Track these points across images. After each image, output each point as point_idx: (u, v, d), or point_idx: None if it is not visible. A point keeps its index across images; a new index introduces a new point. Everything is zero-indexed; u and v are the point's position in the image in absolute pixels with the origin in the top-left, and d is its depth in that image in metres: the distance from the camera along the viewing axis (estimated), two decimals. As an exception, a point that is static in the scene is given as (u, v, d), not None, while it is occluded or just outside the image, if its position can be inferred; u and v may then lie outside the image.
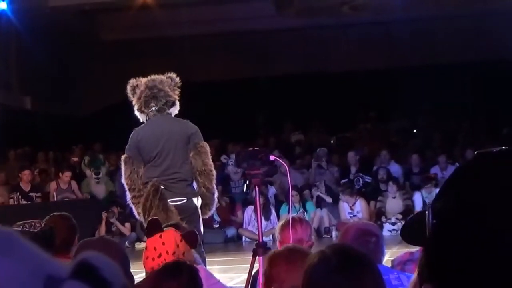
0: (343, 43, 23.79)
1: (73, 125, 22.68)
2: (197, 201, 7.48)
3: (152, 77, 7.62)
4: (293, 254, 3.41)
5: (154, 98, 7.47)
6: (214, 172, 7.53)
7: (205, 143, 7.47)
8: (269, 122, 23.47)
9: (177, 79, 7.71)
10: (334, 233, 16.70)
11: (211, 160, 7.50)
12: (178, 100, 7.69)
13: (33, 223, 4.95)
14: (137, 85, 7.59)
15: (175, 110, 7.63)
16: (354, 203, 17.07)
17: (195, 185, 7.48)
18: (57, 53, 22.27)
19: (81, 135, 21.66)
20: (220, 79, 23.65)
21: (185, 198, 7.38)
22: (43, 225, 4.95)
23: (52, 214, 5.57)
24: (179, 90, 7.70)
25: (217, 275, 5.28)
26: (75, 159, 20.52)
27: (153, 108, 7.46)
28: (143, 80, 7.61)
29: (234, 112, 22.93)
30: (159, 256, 4.57)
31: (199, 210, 7.46)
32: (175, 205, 7.29)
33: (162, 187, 7.34)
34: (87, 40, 22.68)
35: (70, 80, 23.00)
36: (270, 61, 23.97)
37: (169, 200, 7.32)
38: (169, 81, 7.64)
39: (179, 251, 4.60)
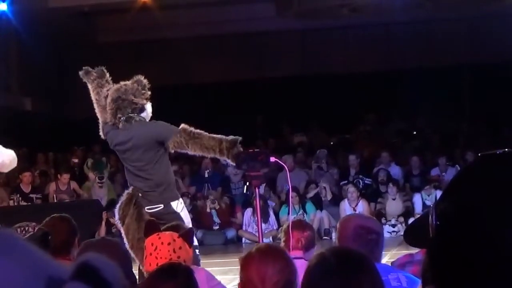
0: (342, 45, 23.80)
1: (73, 126, 22.68)
2: (177, 205, 7.45)
3: (117, 86, 7.53)
4: (264, 254, 3.38)
5: (119, 109, 7.42)
6: (204, 135, 7.28)
7: (177, 132, 7.27)
8: (269, 124, 23.46)
9: (145, 81, 7.55)
10: (334, 235, 16.67)
11: (193, 131, 7.27)
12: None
13: (26, 228, 4.93)
14: (107, 96, 7.61)
15: (147, 114, 7.54)
16: (357, 204, 17.06)
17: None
18: (57, 54, 22.30)
19: (81, 137, 21.65)
20: (219, 81, 23.65)
21: (162, 205, 7.37)
22: (36, 230, 4.93)
23: (51, 216, 5.56)
24: (149, 92, 7.61)
25: (217, 277, 5.27)
26: (75, 160, 20.51)
27: (121, 118, 7.44)
28: (110, 90, 7.58)
29: (234, 114, 22.93)
30: (155, 249, 4.61)
31: (181, 213, 7.43)
32: (151, 212, 7.27)
33: (140, 195, 7.36)
34: (87, 41, 22.70)
35: (70, 81, 22.98)
36: (269, 62, 23.98)
37: (146, 208, 7.33)
38: (135, 86, 7.49)
39: (175, 244, 4.61)
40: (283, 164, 7.47)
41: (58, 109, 23.45)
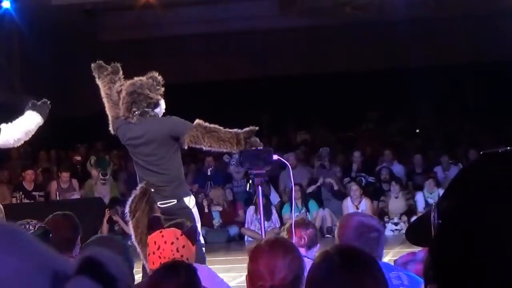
0: (345, 43, 23.78)
1: (76, 124, 22.70)
2: (189, 201, 7.47)
3: (132, 81, 7.60)
4: (274, 247, 3.38)
5: (134, 103, 7.47)
6: (219, 128, 7.33)
7: (193, 127, 7.29)
8: (272, 122, 23.46)
9: (159, 77, 7.64)
10: (336, 233, 16.64)
11: (209, 126, 7.34)
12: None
13: (27, 226, 4.92)
14: (120, 90, 7.63)
15: (160, 110, 7.61)
16: (360, 202, 17.05)
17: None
18: (60, 52, 22.30)
19: (83, 134, 21.67)
20: (222, 79, 23.65)
21: (175, 200, 7.39)
22: (36, 227, 4.93)
23: (54, 213, 5.56)
24: (163, 88, 7.66)
25: (220, 275, 5.27)
26: (78, 158, 20.52)
27: (136, 113, 7.47)
28: (125, 85, 7.61)
29: (237, 112, 22.92)
30: (158, 248, 4.60)
31: (193, 209, 7.45)
32: (164, 207, 7.30)
33: (152, 190, 7.37)
34: (89, 39, 22.69)
35: (73, 79, 23.01)
36: (272, 60, 23.97)
37: (158, 203, 7.35)
38: (151, 81, 7.60)
39: (178, 243, 4.60)
40: (285, 161, 7.46)
41: (61, 106, 23.42)
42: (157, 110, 7.56)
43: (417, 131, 23.64)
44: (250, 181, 6.48)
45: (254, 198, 15.94)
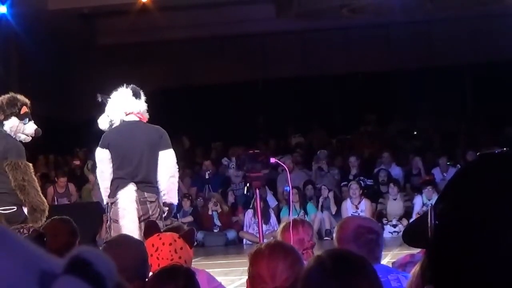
0: (342, 46, 23.79)
1: (74, 128, 22.69)
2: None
3: None
4: (274, 250, 3.39)
5: None
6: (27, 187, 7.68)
7: (19, 161, 7.74)
8: (270, 125, 23.46)
9: (22, 99, 8.23)
10: (335, 235, 16.61)
11: (23, 175, 7.67)
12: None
13: (21, 230, 4.92)
14: None
15: (8, 129, 8.05)
16: (359, 202, 17.05)
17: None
18: (57, 56, 22.29)
19: (82, 138, 21.64)
20: (220, 82, 23.64)
21: (15, 207, 7.52)
22: (31, 231, 4.93)
23: (52, 218, 5.56)
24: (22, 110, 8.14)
25: (218, 278, 5.27)
26: (77, 162, 20.50)
27: None
28: None
29: (235, 115, 22.92)
30: (156, 250, 4.61)
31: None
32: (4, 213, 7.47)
33: None
34: (86, 43, 22.69)
35: (71, 83, 23.00)
36: (270, 63, 23.98)
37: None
38: (6, 99, 8.14)
39: (176, 245, 4.61)
40: (283, 164, 7.45)
41: (59, 111, 23.46)
42: (5, 128, 7.90)
43: (415, 133, 23.64)
44: (248, 185, 6.48)
45: (252, 201, 15.97)
